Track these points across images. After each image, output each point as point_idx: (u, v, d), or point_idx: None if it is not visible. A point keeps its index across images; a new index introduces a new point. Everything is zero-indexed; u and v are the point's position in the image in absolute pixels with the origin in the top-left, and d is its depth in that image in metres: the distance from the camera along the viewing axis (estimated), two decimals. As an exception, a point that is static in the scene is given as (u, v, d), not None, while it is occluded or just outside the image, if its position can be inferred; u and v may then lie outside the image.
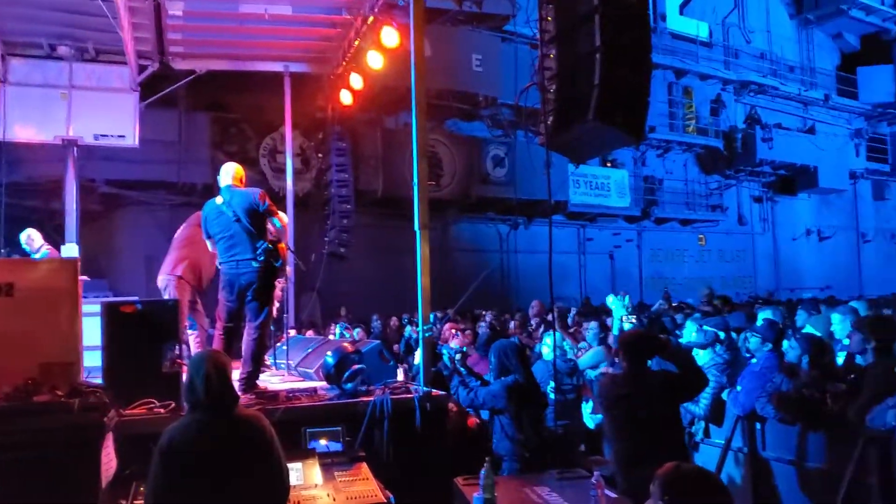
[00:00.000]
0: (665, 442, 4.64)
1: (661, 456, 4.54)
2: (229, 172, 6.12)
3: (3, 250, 8.92)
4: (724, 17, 26.30)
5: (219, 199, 6.05)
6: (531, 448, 5.33)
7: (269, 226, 6.02)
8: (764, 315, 7.55)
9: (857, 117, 29.28)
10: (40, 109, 11.05)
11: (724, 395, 6.26)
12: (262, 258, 5.79)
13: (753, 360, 6.20)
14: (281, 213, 6.21)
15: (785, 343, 6.85)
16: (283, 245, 6.11)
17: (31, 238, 8.78)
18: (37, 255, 8.49)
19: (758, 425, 5.96)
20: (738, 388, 6.05)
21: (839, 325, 6.79)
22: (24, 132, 11.06)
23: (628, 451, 4.69)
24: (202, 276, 7.31)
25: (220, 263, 6.13)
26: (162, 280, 7.25)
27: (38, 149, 11.98)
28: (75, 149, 11.41)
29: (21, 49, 11.11)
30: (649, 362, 4.82)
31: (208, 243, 6.28)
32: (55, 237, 11.60)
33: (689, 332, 7.15)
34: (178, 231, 7.54)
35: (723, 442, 6.24)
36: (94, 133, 11.33)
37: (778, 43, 27.51)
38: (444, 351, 6.87)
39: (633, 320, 9.47)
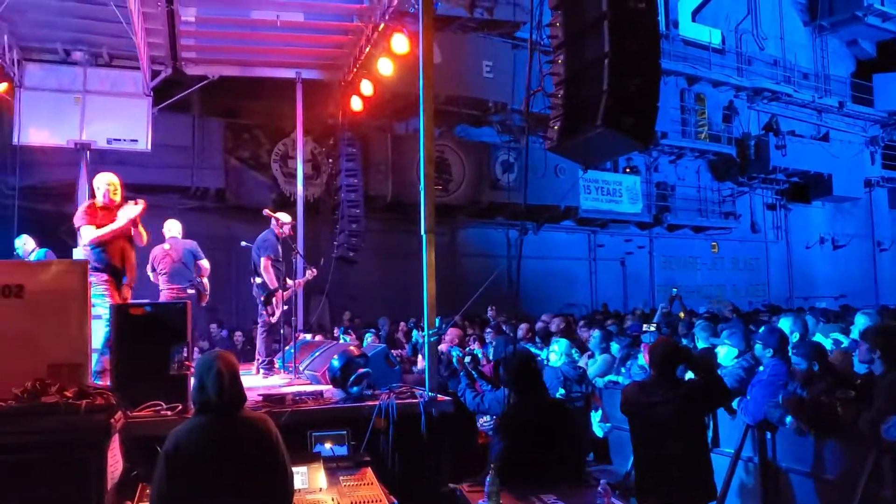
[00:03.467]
0: (690, 450, 4.64)
1: (686, 464, 4.57)
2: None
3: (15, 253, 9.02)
4: (737, 24, 26.18)
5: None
6: None
7: None
8: (784, 323, 7.52)
9: (873, 125, 29.00)
10: (55, 114, 11.16)
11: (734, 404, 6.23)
12: None
13: (760, 369, 6.16)
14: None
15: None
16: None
17: (25, 242, 8.92)
18: (31, 258, 8.63)
19: (768, 434, 5.92)
20: (748, 396, 6.02)
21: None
22: (38, 136, 11.16)
23: (652, 458, 4.69)
24: None
25: None
26: None
27: (51, 153, 12.07)
28: (88, 153, 11.50)
29: (37, 54, 11.22)
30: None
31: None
32: (68, 240, 11.66)
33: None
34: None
35: (731, 451, 6.20)
36: (108, 137, 11.42)
37: (792, 50, 27.35)
38: (453, 352, 6.86)
39: (653, 329, 9.46)
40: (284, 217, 8.19)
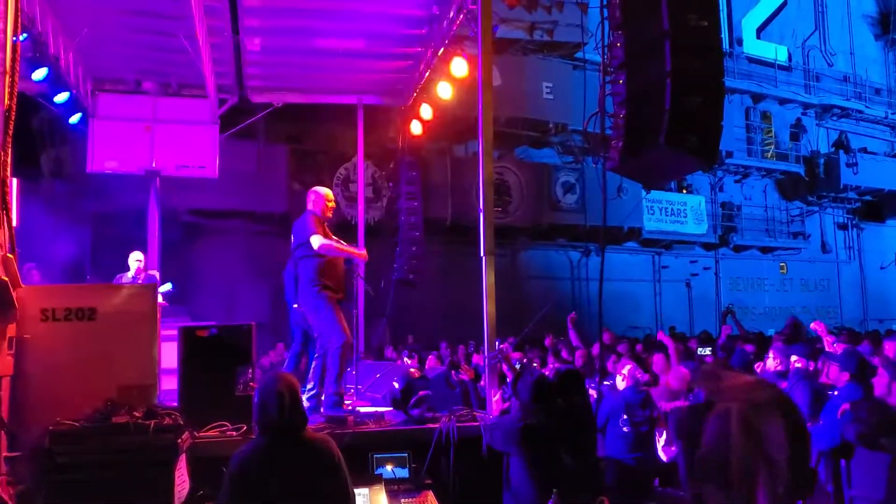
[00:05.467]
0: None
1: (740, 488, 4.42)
2: None
3: (88, 276, 9.24)
4: (804, 40, 25.63)
5: None
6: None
7: None
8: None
9: (953, 140, 27.95)
10: (126, 142, 11.48)
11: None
12: None
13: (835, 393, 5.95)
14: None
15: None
16: None
17: (140, 261, 9.02)
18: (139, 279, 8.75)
19: (842, 462, 5.70)
20: (820, 421, 5.81)
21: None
22: (110, 164, 11.52)
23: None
24: None
25: None
26: None
27: (123, 179, 12.45)
28: (158, 179, 11.80)
29: (109, 85, 11.61)
30: None
31: None
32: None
33: None
34: None
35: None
36: (177, 164, 11.70)
37: (862, 65, 26.62)
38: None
39: (708, 352, 9.20)
40: None
